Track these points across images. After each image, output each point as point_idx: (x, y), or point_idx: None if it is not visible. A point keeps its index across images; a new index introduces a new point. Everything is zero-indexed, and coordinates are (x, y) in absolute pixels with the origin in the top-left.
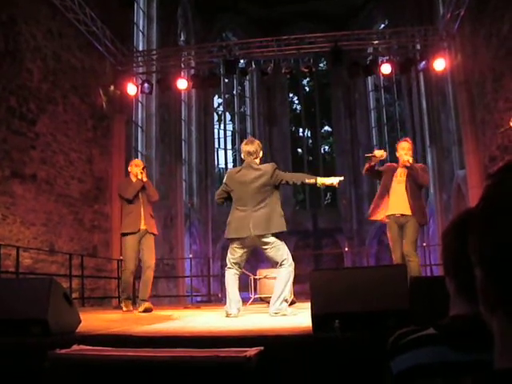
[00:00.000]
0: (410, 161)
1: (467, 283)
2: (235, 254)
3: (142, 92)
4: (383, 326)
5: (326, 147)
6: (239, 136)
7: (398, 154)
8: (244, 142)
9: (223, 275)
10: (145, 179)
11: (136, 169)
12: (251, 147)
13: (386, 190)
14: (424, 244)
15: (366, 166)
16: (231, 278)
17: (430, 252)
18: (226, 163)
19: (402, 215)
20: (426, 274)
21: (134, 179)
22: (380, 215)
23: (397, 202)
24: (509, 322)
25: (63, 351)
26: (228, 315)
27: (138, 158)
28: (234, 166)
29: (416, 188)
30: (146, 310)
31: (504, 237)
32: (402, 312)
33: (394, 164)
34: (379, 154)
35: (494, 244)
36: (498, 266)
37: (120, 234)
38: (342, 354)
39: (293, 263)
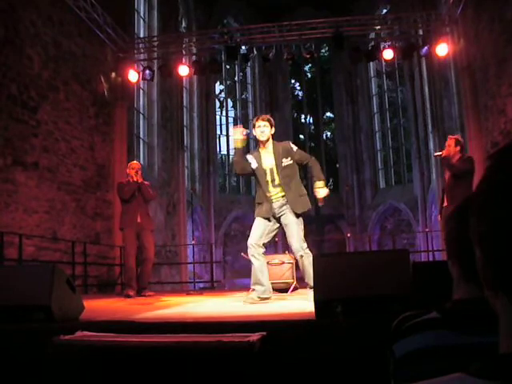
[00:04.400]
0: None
1: (470, 267)
2: None
3: (143, 79)
4: (386, 311)
5: (328, 133)
6: (241, 122)
7: None
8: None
9: (226, 261)
10: (139, 180)
11: (132, 171)
12: None
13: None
14: (427, 230)
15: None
16: None
17: (433, 238)
18: (227, 150)
19: (446, 206)
20: (428, 259)
21: (131, 180)
22: None
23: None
24: (511, 305)
25: (67, 337)
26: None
27: (140, 144)
28: (235, 153)
29: (452, 178)
30: (145, 296)
31: (501, 215)
32: (404, 297)
33: None
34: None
35: (491, 222)
36: (496, 245)
37: (119, 229)
38: (345, 338)
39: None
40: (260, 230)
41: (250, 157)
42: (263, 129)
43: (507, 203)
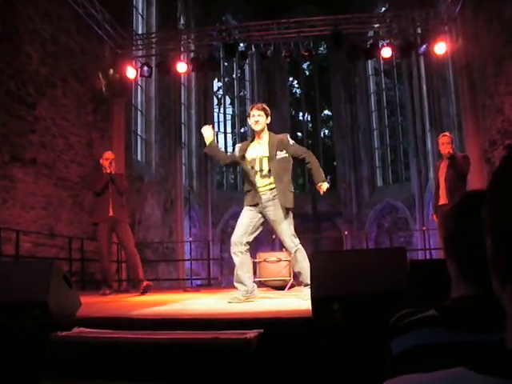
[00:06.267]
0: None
1: (468, 265)
2: None
3: (141, 75)
4: (383, 309)
5: (326, 131)
6: (239, 120)
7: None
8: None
9: (223, 259)
10: (113, 171)
11: (106, 162)
12: None
13: (437, 186)
14: (424, 228)
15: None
16: None
17: (430, 236)
18: (225, 147)
19: (445, 204)
20: (425, 257)
21: (104, 172)
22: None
23: (442, 193)
24: None
25: (64, 333)
26: None
27: (137, 141)
28: (233, 150)
29: (456, 177)
30: (145, 290)
31: None
32: (402, 295)
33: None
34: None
35: (503, 210)
36: (507, 233)
37: (92, 224)
38: (342, 336)
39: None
40: (244, 228)
41: (237, 148)
42: (258, 118)
43: None
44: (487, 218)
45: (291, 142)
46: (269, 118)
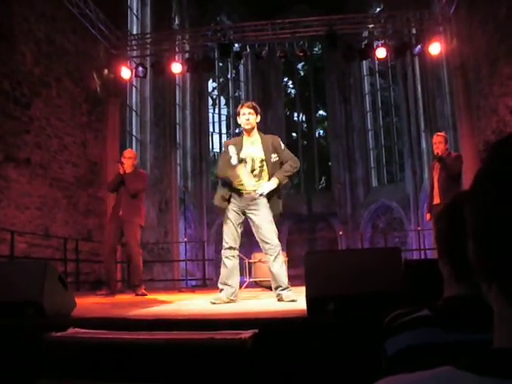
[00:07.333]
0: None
1: (460, 265)
2: None
3: (136, 76)
4: (377, 309)
5: (321, 131)
6: (233, 120)
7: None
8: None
9: (218, 259)
10: (127, 171)
11: (123, 160)
12: None
13: (432, 186)
14: (418, 228)
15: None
16: None
17: (425, 236)
18: (220, 147)
19: (438, 204)
20: (420, 257)
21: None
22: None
23: (435, 193)
24: (503, 299)
25: (59, 334)
26: None
27: (132, 141)
28: (227, 150)
29: (448, 178)
30: (138, 295)
31: (495, 206)
32: (397, 295)
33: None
34: None
35: (485, 212)
36: (489, 234)
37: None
38: (337, 336)
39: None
40: (235, 231)
41: (231, 148)
42: (248, 116)
43: (502, 194)
44: (469, 219)
45: (283, 146)
46: (259, 116)
